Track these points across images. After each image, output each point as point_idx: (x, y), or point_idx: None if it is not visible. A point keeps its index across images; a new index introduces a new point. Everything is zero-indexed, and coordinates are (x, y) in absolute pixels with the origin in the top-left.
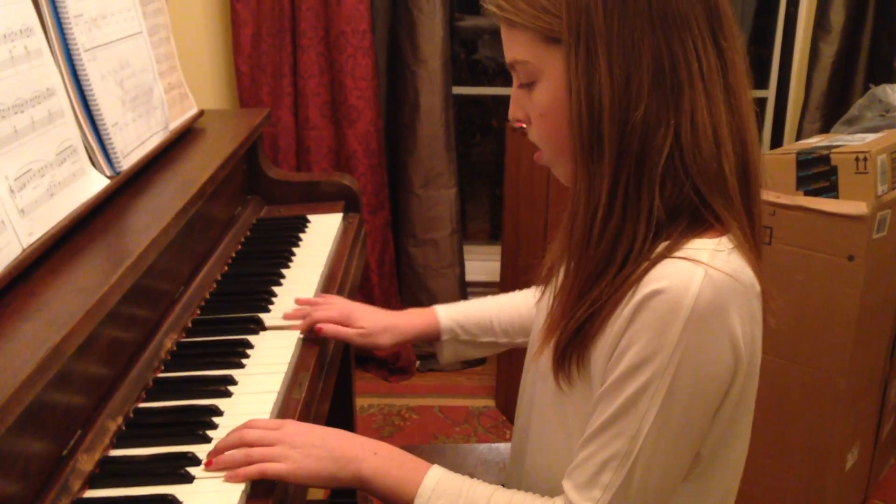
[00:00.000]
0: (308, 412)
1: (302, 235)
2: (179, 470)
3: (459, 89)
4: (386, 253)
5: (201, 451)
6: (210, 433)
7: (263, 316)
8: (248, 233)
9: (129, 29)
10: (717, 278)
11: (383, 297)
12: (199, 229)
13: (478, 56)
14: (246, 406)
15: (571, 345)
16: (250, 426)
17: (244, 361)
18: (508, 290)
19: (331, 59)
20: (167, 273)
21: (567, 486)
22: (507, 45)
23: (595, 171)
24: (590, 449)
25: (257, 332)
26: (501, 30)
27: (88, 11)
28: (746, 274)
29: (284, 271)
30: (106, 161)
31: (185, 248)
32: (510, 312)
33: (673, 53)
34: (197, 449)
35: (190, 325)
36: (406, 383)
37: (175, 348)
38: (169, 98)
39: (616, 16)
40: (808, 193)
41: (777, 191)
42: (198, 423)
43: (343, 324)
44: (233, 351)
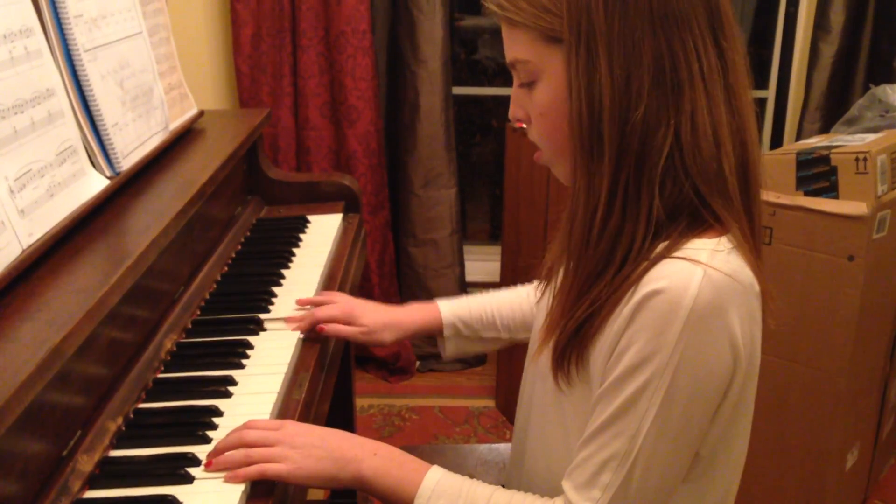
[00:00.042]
0: (308, 412)
1: (302, 236)
2: (179, 470)
3: (459, 89)
4: (386, 253)
5: (201, 451)
6: (210, 434)
7: (263, 316)
8: (248, 233)
9: (129, 29)
10: (717, 278)
11: (383, 298)
12: (199, 230)
13: (478, 56)
14: (246, 406)
15: (571, 344)
16: (250, 426)
17: (244, 362)
18: None
19: (331, 59)
20: (167, 273)
21: (567, 486)
22: (508, 44)
23: (595, 171)
24: (589, 449)
25: (257, 333)
26: (502, 29)
27: (88, 12)
28: (746, 274)
29: (284, 272)
30: (106, 161)
31: (185, 249)
32: (512, 307)
33: (673, 53)
34: (197, 449)
35: (190, 325)
36: (406, 383)
37: (175, 349)
38: (169, 98)
39: (617, 15)
40: (808, 193)
41: (777, 191)
42: (198, 424)
43: (345, 321)
44: (233, 351)
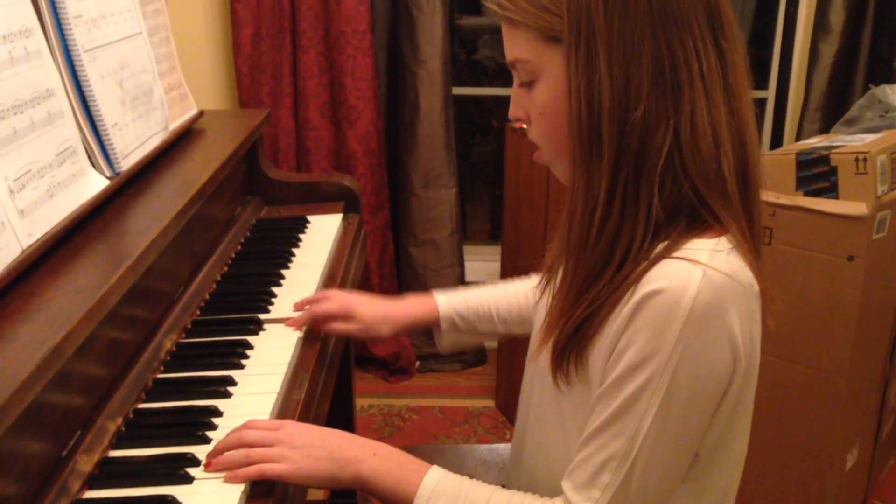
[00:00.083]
0: (308, 413)
1: (302, 236)
2: (179, 471)
3: (459, 89)
4: (386, 253)
5: (201, 451)
6: (210, 434)
7: (263, 316)
8: (248, 233)
9: (128, 29)
10: (716, 278)
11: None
12: (199, 230)
13: (478, 56)
14: (245, 407)
15: (570, 344)
16: (250, 427)
17: (244, 362)
18: None
19: (331, 59)
20: (167, 274)
21: (566, 486)
22: (508, 43)
23: (594, 170)
24: (589, 449)
25: (257, 333)
26: (502, 28)
27: (88, 12)
28: (745, 274)
29: (284, 272)
30: (105, 162)
31: (185, 249)
32: (508, 301)
33: (673, 53)
34: (196, 450)
35: (189, 325)
36: (406, 384)
37: (175, 349)
38: (169, 98)
39: (616, 15)
40: (807, 194)
41: (777, 191)
42: (197, 424)
43: (343, 315)
44: (232, 351)
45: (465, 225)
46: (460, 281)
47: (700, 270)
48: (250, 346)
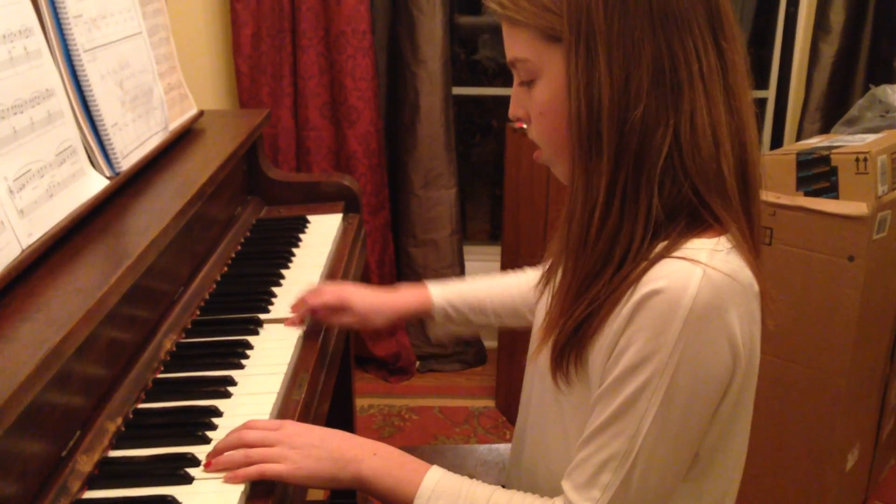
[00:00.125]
0: (308, 413)
1: (302, 236)
2: (179, 471)
3: (459, 90)
4: (386, 253)
5: (201, 451)
6: (209, 434)
7: (263, 316)
8: (248, 233)
9: (128, 29)
10: (716, 278)
11: None
12: (199, 230)
13: (478, 56)
14: (245, 407)
15: (569, 344)
16: (249, 427)
17: (244, 362)
18: None
19: (331, 59)
20: (167, 274)
21: (566, 486)
22: (508, 42)
23: (593, 170)
24: (589, 449)
25: (257, 333)
26: (503, 27)
27: (88, 12)
28: (745, 274)
29: (284, 272)
30: (105, 161)
31: (185, 249)
32: (502, 293)
33: (673, 54)
34: (196, 450)
35: (189, 325)
36: (406, 384)
37: (174, 349)
38: (168, 98)
39: (616, 15)
40: (808, 194)
41: (777, 191)
42: (197, 424)
43: (338, 306)
44: (232, 352)
45: (465, 225)
46: None
47: (700, 270)
48: (250, 346)
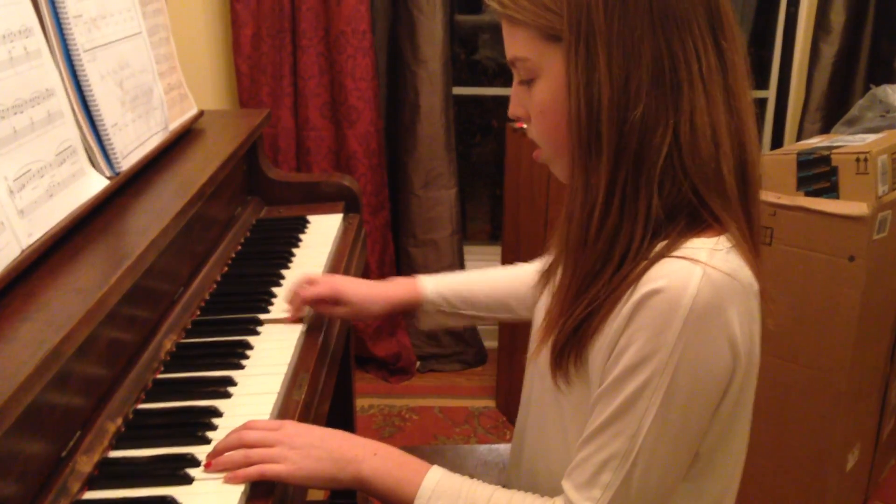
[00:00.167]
0: (308, 413)
1: (302, 236)
2: (179, 471)
3: (459, 90)
4: (386, 253)
5: (201, 452)
6: (209, 434)
7: (263, 317)
8: (248, 233)
9: (128, 29)
10: (716, 277)
11: None
12: (199, 230)
13: (478, 56)
14: (245, 407)
15: (569, 344)
16: (249, 427)
17: (244, 362)
18: None
19: (331, 59)
20: (167, 274)
21: (567, 485)
22: (508, 41)
23: (593, 169)
24: (589, 448)
25: (257, 333)
26: (503, 26)
27: (88, 12)
28: (745, 273)
29: (284, 272)
30: (105, 162)
31: (185, 249)
32: (493, 288)
33: (673, 54)
34: (196, 450)
35: (189, 325)
36: (406, 384)
37: (174, 349)
38: (168, 98)
39: (616, 15)
40: (808, 194)
41: (777, 191)
42: (197, 425)
43: (331, 297)
44: (232, 352)
45: (466, 225)
46: None
47: (700, 269)
48: (250, 347)
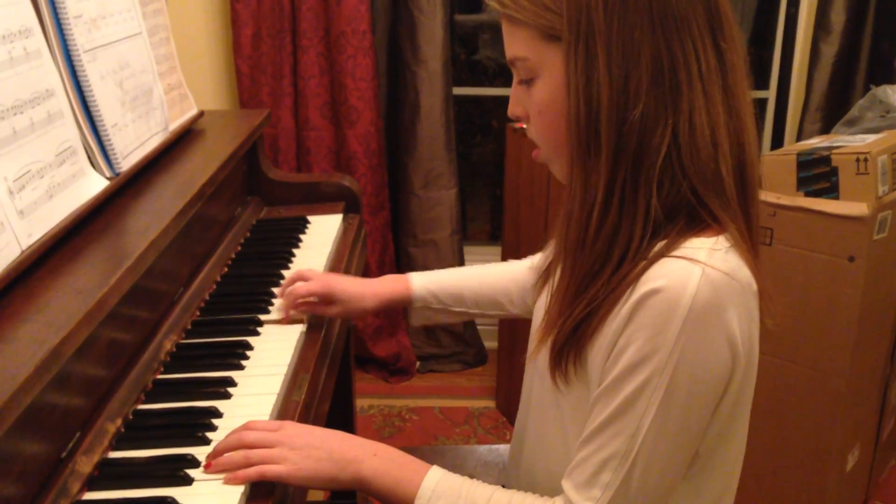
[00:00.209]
0: (308, 413)
1: (302, 236)
2: (179, 472)
3: (460, 90)
4: (386, 254)
5: (200, 453)
6: (209, 435)
7: (263, 317)
8: (248, 234)
9: (128, 30)
10: (715, 277)
11: None
12: (199, 230)
13: (478, 56)
14: (245, 408)
15: (568, 344)
16: (249, 428)
17: (244, 363)
18: None
19: (331, 59)
20: (166, 274)
21: (566, 485)
22: (508, 41)
23: (592, 169)
24: (589, 448)
25: (257, 334)
26: (503, 26)
27: (88, 12)
28: (744, 273)
29: (284, 272)
30: (105, 162)
31: (185, 250)
32: (481, 284)
33: (672, 54)
34: (196, 451)
35: (189, 326)
36: (406, 384)
37: (174, 350)
38: (169, 99)
39: (616, 15)
40: (808, 194)
41: (777, 192)
42: (197, 425)
43: (324, 293)
44: (232, 352)
45: (466, 225)
46: None
47: (699, 269)
48: (250, 347)
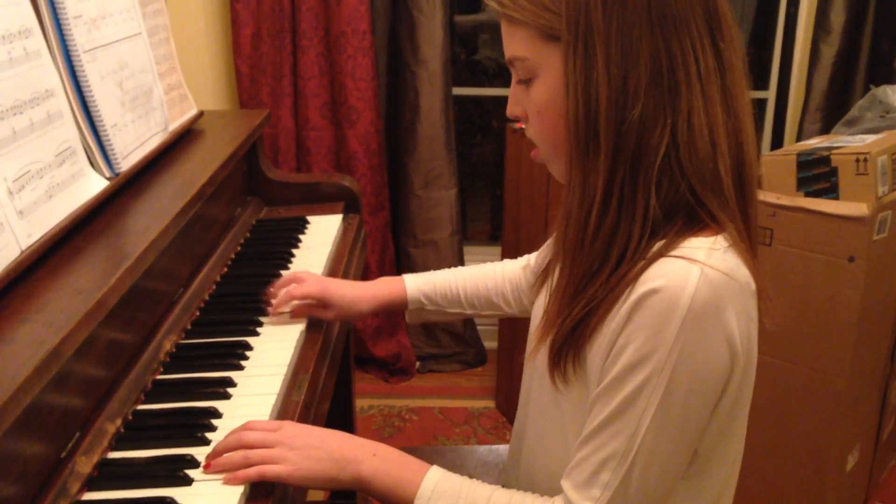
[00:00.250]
0: (307, 414)
1: (301, 237)
2: (178, 472)
3: (459, 90)
4: (386, 254)
5: (200, 453)
6: (209, 435)
7: (263, 318)
8: (248, 234)
9: (128, 30)
10: (714, 277)
11: None
12: (199, 230)
13: (478, 56)
14: (245, 408)
15: (567, 343)
16: (249, 428)
17: (243, 363)
18: None
19: (331, 59)
20: (166, 274)
21: (566, 485)
22: (507, 41)
23: (590, 169)
24: (588, 448)
25: (257, 334)
26: (502, 26)
27: (88, 12)
28: (742, 272)
29: (284, 273)
30: (105, 162)
31: (185, 250)
32: (475, 284)
33: (671, 54)
34: (196, 451)
35: (189, 326)
36: (406, 384)
37: (174, 350)
38: (168, 99)
39: (615, 15)
40: (808, 194)
41: (777, 192)
42: (197, 426)
43: (320, 297)
44: (232, 353)
45: (466, 225)
46: None
47: (698, 269)
48: (250, 348)
